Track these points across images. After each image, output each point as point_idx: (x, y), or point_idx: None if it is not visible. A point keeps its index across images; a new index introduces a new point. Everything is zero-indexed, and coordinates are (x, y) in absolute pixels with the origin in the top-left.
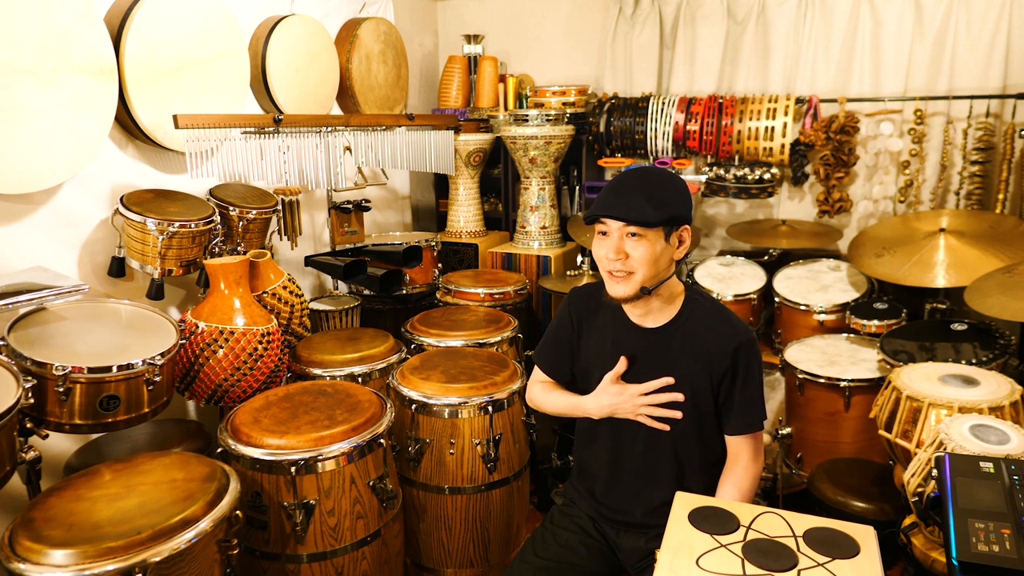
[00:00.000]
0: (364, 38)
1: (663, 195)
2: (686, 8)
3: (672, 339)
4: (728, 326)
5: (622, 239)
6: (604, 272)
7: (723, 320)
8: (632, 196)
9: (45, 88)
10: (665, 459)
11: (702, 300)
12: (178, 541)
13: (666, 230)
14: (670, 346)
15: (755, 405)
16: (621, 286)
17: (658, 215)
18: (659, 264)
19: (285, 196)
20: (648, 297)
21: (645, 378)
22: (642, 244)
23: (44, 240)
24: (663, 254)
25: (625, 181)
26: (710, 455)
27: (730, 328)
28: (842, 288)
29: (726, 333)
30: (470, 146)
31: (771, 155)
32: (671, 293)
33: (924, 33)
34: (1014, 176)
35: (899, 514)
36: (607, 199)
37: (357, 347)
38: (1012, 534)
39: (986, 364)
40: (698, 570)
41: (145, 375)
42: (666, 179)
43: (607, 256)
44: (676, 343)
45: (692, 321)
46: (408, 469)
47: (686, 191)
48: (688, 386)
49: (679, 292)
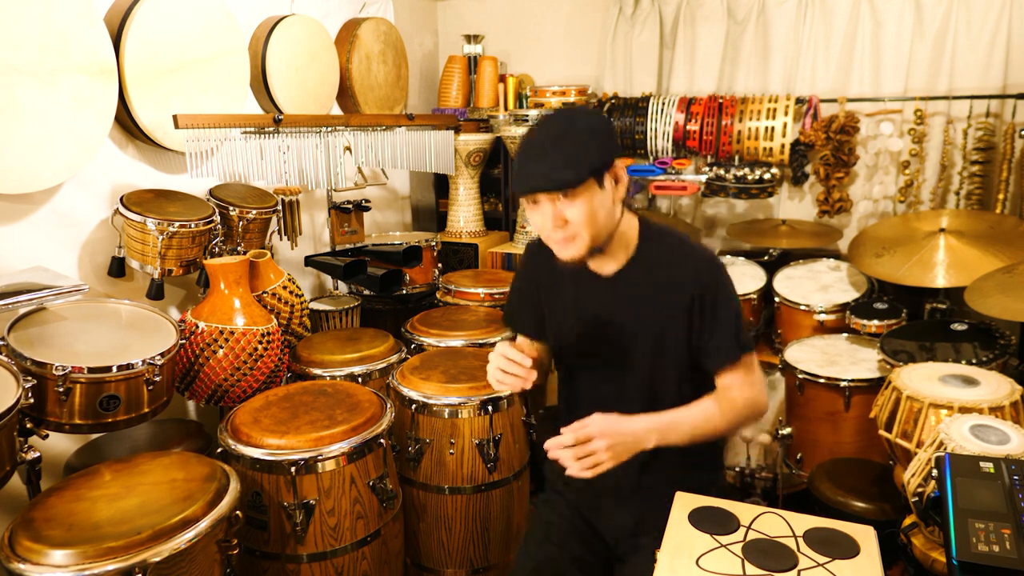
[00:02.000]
0: (364, 38)
1: (577, 146)
2: (686, 8)
3: (631, 282)
4: (686, 257)
5: (555, 205)
6: (549, 242)
7: (681, 252)
8: (546, 159)
9: (45, 88)
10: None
11: (659, 235)
12: (178, 541)
13: (597, 178)
14: (630, 290)
15: (728, 332)
16: (570, 249)
17: (579, 172)
18: (601, 217)
19: (285, 196)
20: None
21: (609, 328)
22: (576, 204)
23: (44, 240)
24: (602, 204)
25: (533, 145)
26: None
27: (689, 259)
28: (842, 288)
29: (686, 265)
30: (470, 146)
31: (771, 155)
32: (625, 234)
33: (924, 33)
34: (1014, 176)
35: (899, 514)
36: (521, 171)
37: (357, 347)
38: (1012, 534)
39: (986, 364)
40: (698, 570)
41: (145, 375)
42: (575, 125)
43: (545, 227)
44: (636, 285)
45: (651, 259)
46: (408, 469)
47: (601, 127)
48: (655, 329)
49: (632, 229)
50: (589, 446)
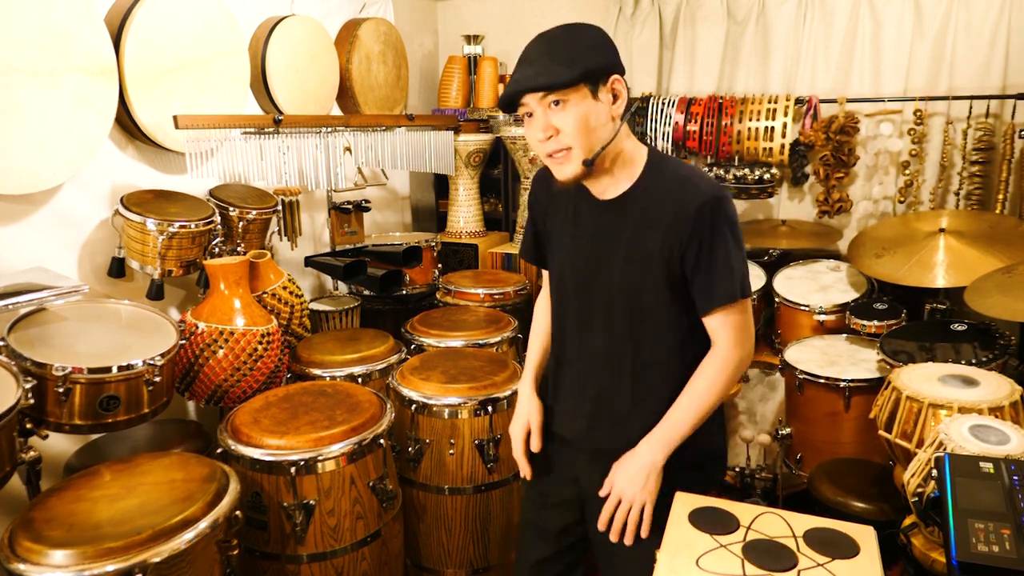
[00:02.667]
0: (364, 38)
1: (571, 50)
2: (686, 8)
3: (629, 209)
4: (690, 186)
5: (546, 113)
6: (544, 158)
7: (685, 181)
8: (538, 62)
9: (45, 88)
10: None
11: (665, 163)
12: (178, 541)
13: (590, 87)
14: (626, 218)
15: (726, 271)
16: (565, 167)
17: (571, 72)
18: (595, 129)
19: (285, 196)
20: (601, 169)
21: (600, 254)
22: (567, 111)
23: (44, 240)
24: (595, 115)
25: (529, 50)
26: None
27: (693, 189)
28: (842, 288)
29: (688, 195)
30: (470, 146)
31: (771, 155)
32: (628, 159)
33: (924, 33)
34: (1014, 176)
35: (899, 514)
36: (513, 75)
37: (357, 347)
38: (1012, 534)
39: (986, 364)
40: (698, 570)
41: (145, 375)
42: (573, 32)
43: (537, 138)
44: (634, 213)
45: (653, 187)
46: (408, 469)
47: (601, 39)
48: (646, 260)
49: (639, 156)
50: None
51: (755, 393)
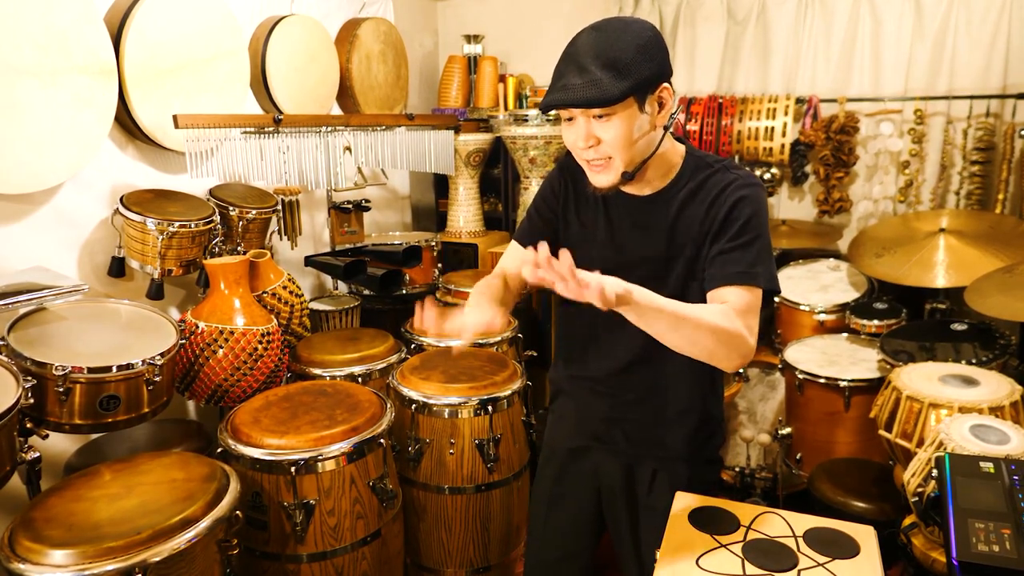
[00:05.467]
0: (364, 38)
1: (623, 57)
2: (686, 8)
3: (667, 204)
4: (728, 175)
5: (589, 123)
6: (581, 162)
7: (723, 171)
8: (586, 71)
9: (46, 88)
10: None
11: (704, 162)
12: (178, 541)
13: (638, 99)
14: (665, 212)
15: (750, 254)
16: (603, 176)
17: (622, 87)
18: (638, 142)
19: (285, 196)
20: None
21: (634, 245)
22: (613, 125)
23: (44, 240)
24: (640, 128)
25: (576, 52)
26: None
27: (730, 177)
28: (842, 288)
29: (726, 182)
30: (470, 146)
31: (771, 155)
32: (667, 160)
33: (924, 33)
34: (1014, 176)
35: (899, 514)
36: (557, 81)
37: (357, 347)
38: (1012, 534)
39: (986, 364)
40: (698, 570)
41: (145, 375)
42: (624, 34)
43: (578, 145)
44: (672, 208)
45: (691, 185)
46: (408, 469)
47: (654, 42)
48: (680, 253)
49: (678, 156)
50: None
51: (755, 393)
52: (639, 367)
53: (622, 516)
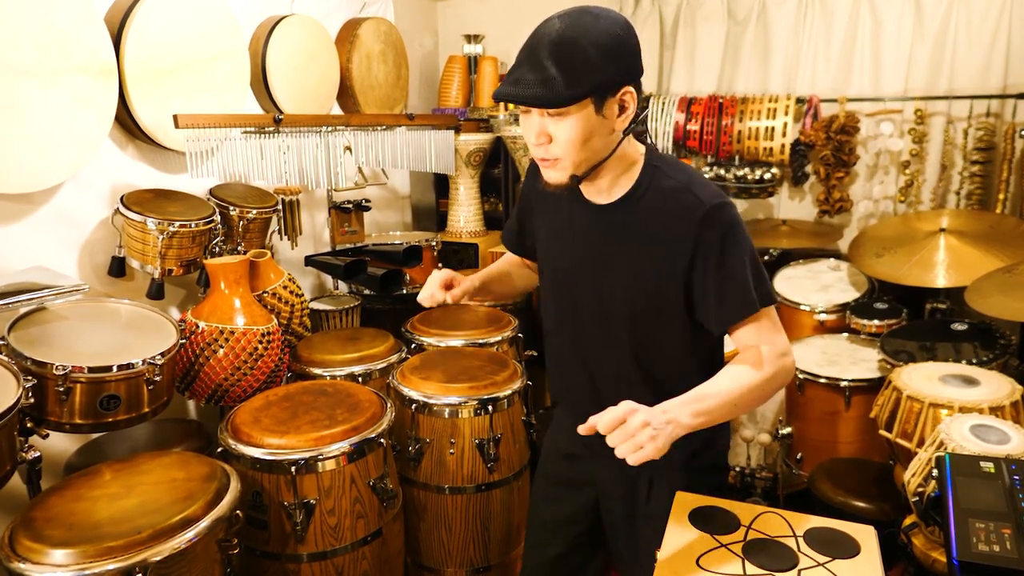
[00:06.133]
0: (364, 38)
1: (583, 57)
2: (686, 8)
3: (626, 217)
4: (690, 196)
5: (542, 119)
6: (534, 156)
7: (684, 191)
8: (542, 67)
9: (46, 88)
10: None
11: (665, 169)
12: (178, 541)
13: (596, 101)
14: (623, 226)
15: (741, 284)
16: (552, 173)
17: (574, 90)
18: (592, 144)
19: (285, 196)
20: (594, 173)
21: (594, 263)
22: (567, 124)
23: (44, 240)
24: (596, 131)
25: (536, 44)
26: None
27: (692, 199)
28: (842, 288)
29: (688, 206)
30: (470, 146)
31: (771, 155)
32: (626, 164)
33: (924, 33)
34: (1014, 176)
35: (899, 514)
36: (514, 71)
37: (357, 347)
38: (1012, 534)
39: (986, 364)
40: (698, 570)
41: (145, 375)
42: (590, 32)
43: (530, 139)
44: (631, 223)
45: (649, 195)
46: (408, 469)
47: (618, 43)
48: (643, 275)
49: (636, 158)
50: (625, 426)
51: None
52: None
53: (620, 523)
